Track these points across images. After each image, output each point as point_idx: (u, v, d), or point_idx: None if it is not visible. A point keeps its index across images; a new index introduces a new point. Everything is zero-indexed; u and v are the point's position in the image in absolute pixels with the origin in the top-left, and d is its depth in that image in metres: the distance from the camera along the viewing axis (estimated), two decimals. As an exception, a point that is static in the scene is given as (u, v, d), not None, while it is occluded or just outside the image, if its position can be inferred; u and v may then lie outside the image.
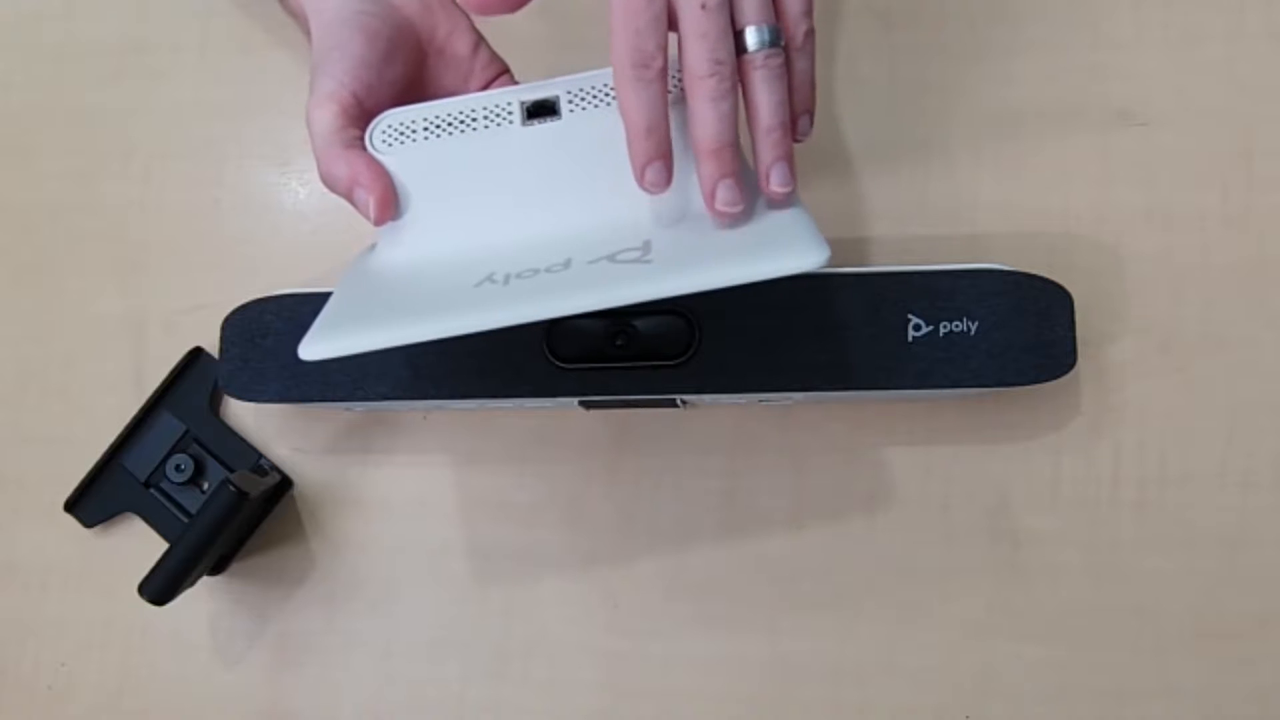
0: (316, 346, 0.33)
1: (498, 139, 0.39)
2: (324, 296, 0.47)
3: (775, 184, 0.37)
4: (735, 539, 0.49)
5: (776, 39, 0.37)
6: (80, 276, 0.55)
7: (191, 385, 0.53)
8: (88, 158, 0.56)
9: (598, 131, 0.38)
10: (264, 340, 0.47)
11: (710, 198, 0.36)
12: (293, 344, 0.46)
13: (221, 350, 0.48)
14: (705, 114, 0.36)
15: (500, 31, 0.52)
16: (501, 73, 0.45)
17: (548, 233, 0.38)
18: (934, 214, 0.50)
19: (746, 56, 0.36)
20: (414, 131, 0.39)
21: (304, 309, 0.47)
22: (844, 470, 0.49)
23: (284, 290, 0.48)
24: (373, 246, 0.42)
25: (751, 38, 0.36)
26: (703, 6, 0.35)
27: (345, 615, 0.51)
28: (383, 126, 0.40)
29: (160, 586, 0.46)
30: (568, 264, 0.35)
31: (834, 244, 0.49)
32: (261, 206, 0.55)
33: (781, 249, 0.33)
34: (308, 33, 0.43)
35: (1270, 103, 0.49)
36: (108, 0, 0.58)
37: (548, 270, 0.35)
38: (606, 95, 0.38)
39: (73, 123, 0.57)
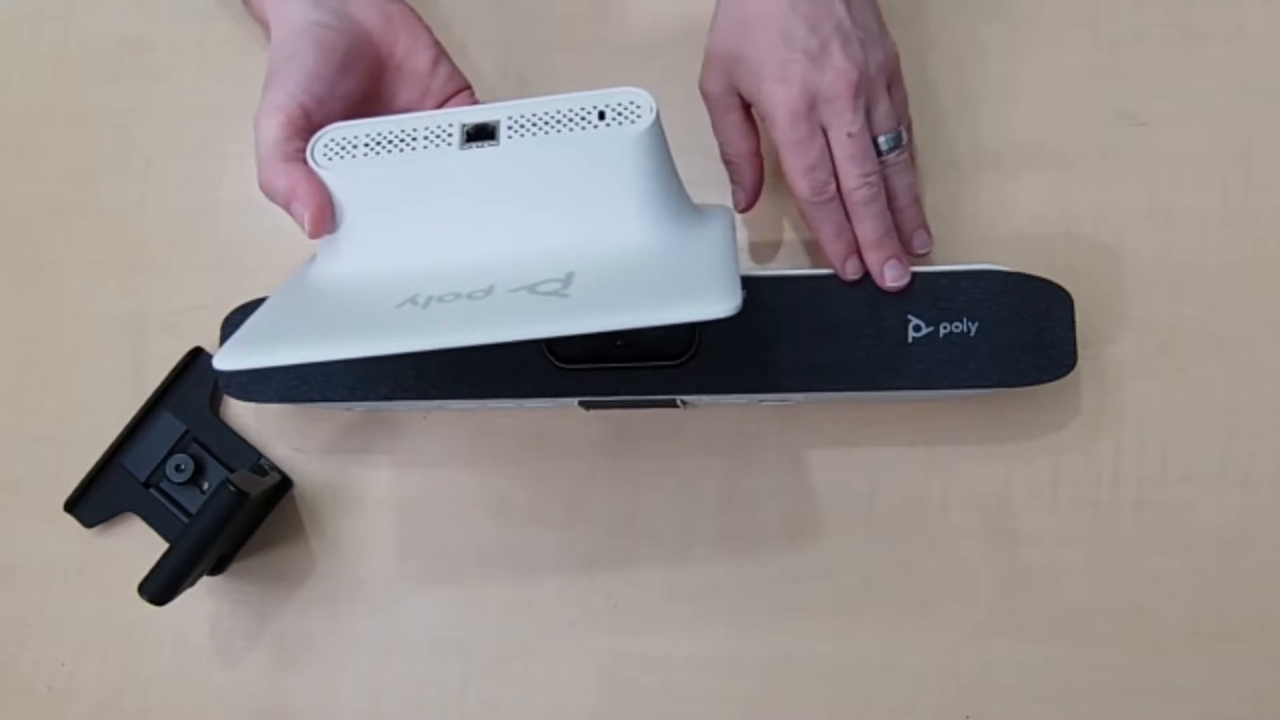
0: (232, 358, 0.34)
1: (435, 160, 0.39)
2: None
3: (917, 246, 0.47)
4: (735, 539, 0.49)
5: (900, 140, 0.45)
6: (80, 276, 0.55)
7: (191, 385, 0.53)
8: (88, 158, 0.56)
9: (533, 160, 0.38)
10: (264, 340, 0.47)
11: (881, 278, 0.44)
12: (292, 344, 0.47)
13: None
14: (863, 216, 0.44)
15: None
16: (461, 89, 0.45)
17: (476, 257, 0.38)
18: (934, 214, 0.50)
19: (881, 158, 0.45)
20: (355, 147, 0.39)
21: (304, 309, 0.47)
22: (844, 470, 0.49)
23: (284, 290, 0.48)
24: (314, 257, 0.42)
25: (884, 143, 0.45)
26: (849, 135, 0.43)
27: (345, 615, 0.51)
28: (325, 141, 0.40)
29: (160, 586, 0.46)
30: (489, 290, 0.36)
31: (834, 244, 0.50)
32: (261, 206, 0.54)
33: (694, 295, 0.33)
34: (269, 39, 0.43)
35: (1270, 103, 0.49)
36: (108, 0, 0.58)
37: (469, 296, 0.35)
38: (547, 124, 0.38)
39: (73, 123, 0.57)
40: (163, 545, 0.49)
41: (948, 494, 0.48)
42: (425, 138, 0.39)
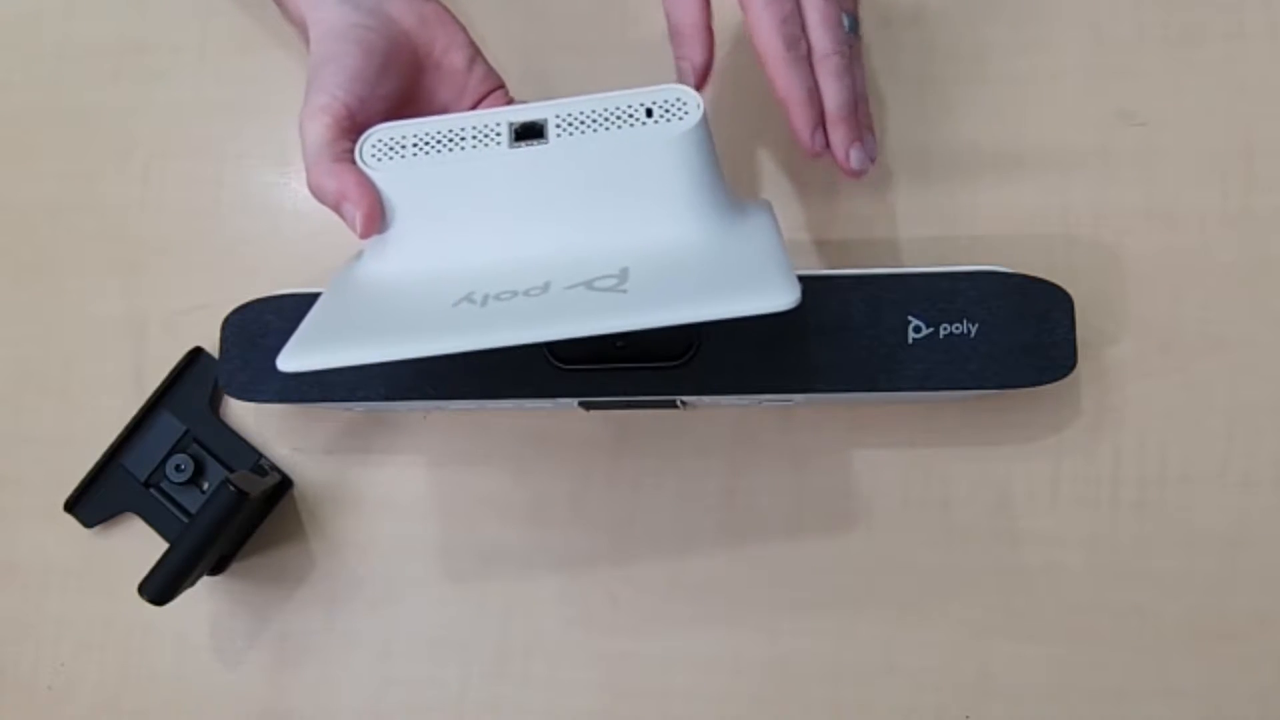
0: (295, 360, 0.34)
1: (485, 159, 0.39)
2: (324, 297, 0.47)
3: (867, 145, 0.44)
4: (735, 539, 0.49)
5: (857, 26, 0.43)
6: (80, 276, 0.55)
7: (191, 385, 0.53)
8: (88, 158, 0.56)
9: (582, 158, 0.38)
10: (264, 340, 0.47)
11: (846, 160, 0.42)
12: (293, 344, 0.47)
13: (221, 350, 0.48)
14: (835, 87, 0.42)
15: (498, 32, 0.52)
16: (497, 87, 0.45)
17: (528, 254, 0.38)
18: (934, 215, 0.50)
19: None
20: (403, 147, 0.39)
21: (304, 309, 0.46)
22: (844, 470, 0.49)
23: (284, 290, 0.48)
24: (359, 255, 0.42)
25: (846, 23, 0.43)
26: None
27: (345, 615, 0.51)
28: (372, 141, 0.40)
29: (160, 586, 0.46)
30: (546, 288, 0.36)
31: (834, 245, 0.50)
32: (261, 206, 0.55)
33: (754, 289, 0.33)
34: (306, 41, 0.43)
35: (1270, 103, 0.49)
36: (108, 0, 0.58)
37: (525, 294, 0.36)
38: (595, 122, 0.39)
39: (73, 123, 0.57)
40: (163, 545, 0.49)
41: (948, 494, 0.48)
42: (474, 137, 0.39)
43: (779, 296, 0.32)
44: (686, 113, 0.38)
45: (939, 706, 0.47)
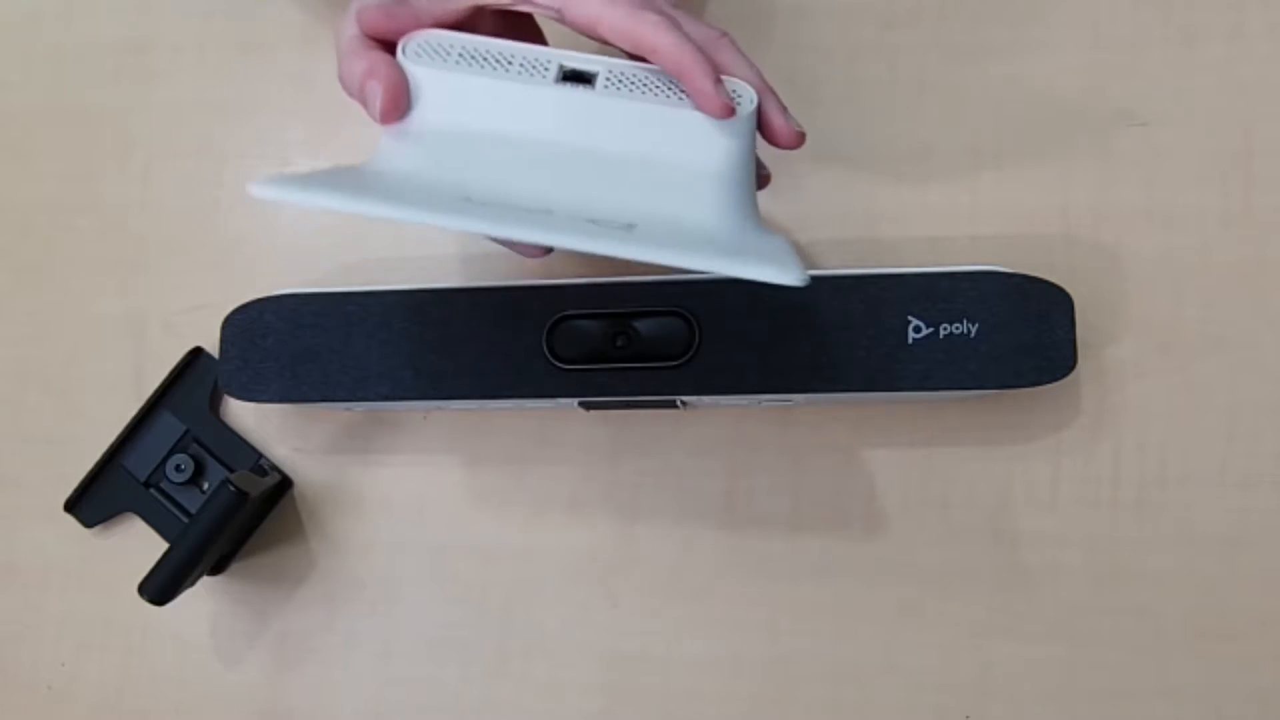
0: (272, 189, 0.33)
1: (525, 90, 0.38)
2: (324, 297, 0.47)
3: (793, 123, 0.40)
4: (735, 539, 0.49)
5: None
6: (80, 276, 0.55)
7: (191, 385, 0.53)
8: (88, 158, 0.56)
9: (622, 116, 0.38)
10: (264, 340, 0.47)
11: (785, 125, 0.39)
12: (293, 344, 0.47)
13: (221, 350, 0.48)
14: (740, 61, 0.40)
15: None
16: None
17: (538, 186, 0.38)
18: (934, 215, 0.50)
19: None
20: (447, 54, 0.38)
21: (304, 309, 0.47)
22: (844, 470, 0.49)
23: (284, 290, 0.48)
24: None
25: None
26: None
27: (345, 615, 0.51)
28: (418, 41, 0.39)
29: (160, 586, 0.46)
30: (548, 213, 0.35)
31: (834, 245, 0.50)
32: (261, 207, 0.55)
33: (767, 261, 0.33)
34: None
35: (1270, 103, 0.49)
36: (108, 0, 0.58)
37: (527, 211, 0.35)
38: (645, 87, 0.38)
39: (73, 123, 0.57)
40: (163, 545, 0.49)
41: (948, 494, 0.48)
42: (521, 65, 0.38)
43: (789, 274, 0.31)
44: (740, 103, 0.38)
45: (939, 706, 0.47)
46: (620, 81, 0.38)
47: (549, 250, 0.44)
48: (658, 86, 0.38)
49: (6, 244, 0.56)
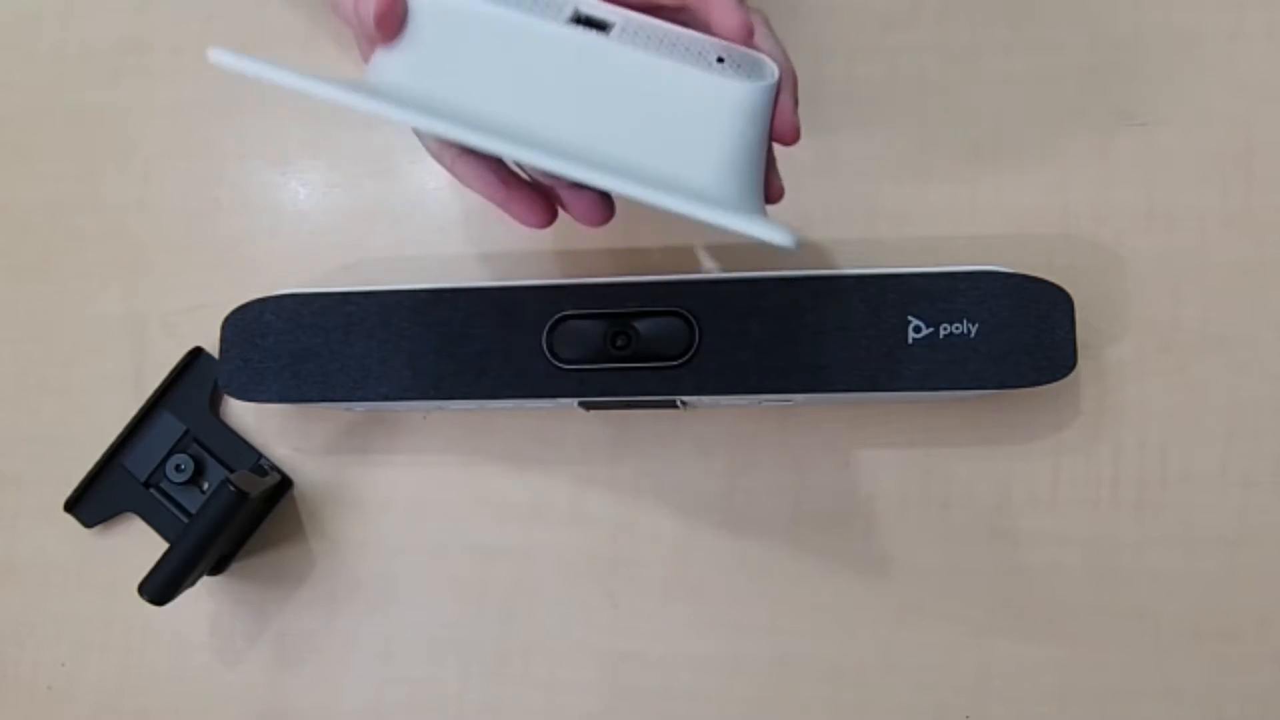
0: (228, 57, 0.31)
1: (533, 26, 0.36)
2: (324, 297, 0.47)
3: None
4: (735, 539, 0.49)
5: None
6: (80, 276, 0.55)
7: (191, 385, 0.53)
8: (88, 158, 0.56)
9: (633, 69, 0.35)
10: (264, 340, 0.47)
11: (794, 117, 0.37)
12: (293, 344, 0.47)
13: (221, 350, 0.48)
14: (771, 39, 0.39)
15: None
16: None
17: (534, 120, 0.35)
18: (934, 215, 0.50)
19: None
20: None
21: (304, 309, 0.47)
22: (844, 470, 0.49)
23: (284, 290, 0.48)
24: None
25: None
26: None
27: (345, 615, 0.51)
28: None
29: (160, 586, 0.46)
30: (537, 140, 0.34)
31: (833, 245, 0.50)
32: (261, 206, 0.55)
33: (760, 221, 0.32)
34: None
35: (1270, 103, 0.49)
36: (108, 0, 0.58)
37: (515, 133, 0.33)
38: (661, 44, 0.36)
39: (73, 123, 0.57)
40: (163, 545, 0.49)
41: (947, 494, 0.48)
42: (534, 2, 0.36)
43: (779, 233, 0.30)
44: (761, 77, 0.36)
45: (939, 706, 0.47)
46: (636, 34, 0.36)
47: (609, 216, 0.41)
48: (675, 45, 0.36)
49: (6, 244, 0.56)
